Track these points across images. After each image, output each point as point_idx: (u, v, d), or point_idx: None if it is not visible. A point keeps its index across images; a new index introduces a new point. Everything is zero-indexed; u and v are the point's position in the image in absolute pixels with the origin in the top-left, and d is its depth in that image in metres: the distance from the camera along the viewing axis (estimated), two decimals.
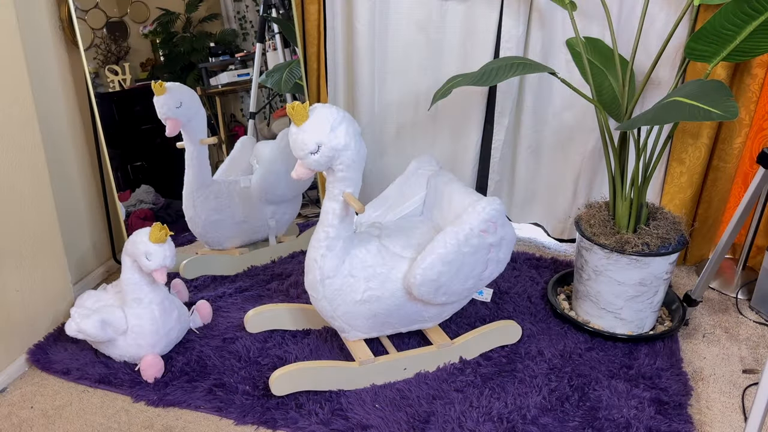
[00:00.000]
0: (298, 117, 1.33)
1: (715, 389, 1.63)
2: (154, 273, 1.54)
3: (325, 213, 1.47)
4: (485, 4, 2.07)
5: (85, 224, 2.06)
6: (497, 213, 1.53)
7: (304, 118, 1.34)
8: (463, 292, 1.58)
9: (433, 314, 1.63)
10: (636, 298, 1.72)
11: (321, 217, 1.48)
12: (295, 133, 1.35)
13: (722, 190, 2.08)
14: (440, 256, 1.47)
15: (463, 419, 1.48)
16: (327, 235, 1.47)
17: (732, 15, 1.45)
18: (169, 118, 1.87)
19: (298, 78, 2.30)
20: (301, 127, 1.34)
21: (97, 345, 1.67)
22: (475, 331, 1.71)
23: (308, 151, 1.35)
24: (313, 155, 1.35)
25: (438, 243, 1.49)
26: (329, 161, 1.38)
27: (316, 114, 1.35)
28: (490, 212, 1.52)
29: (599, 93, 1.84)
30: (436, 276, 1.48)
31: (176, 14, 2.08)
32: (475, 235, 1.50)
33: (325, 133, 1.34)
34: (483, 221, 1.51)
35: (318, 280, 1.50)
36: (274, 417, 1.50)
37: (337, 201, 1.43)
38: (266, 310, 1.78)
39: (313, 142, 1.34)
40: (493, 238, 1.53)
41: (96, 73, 1.93)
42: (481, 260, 1.54)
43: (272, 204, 2.17)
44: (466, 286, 1.57)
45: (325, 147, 1.35)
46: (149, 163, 2.12)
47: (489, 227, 1.52)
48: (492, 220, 1.53)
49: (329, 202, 1.45)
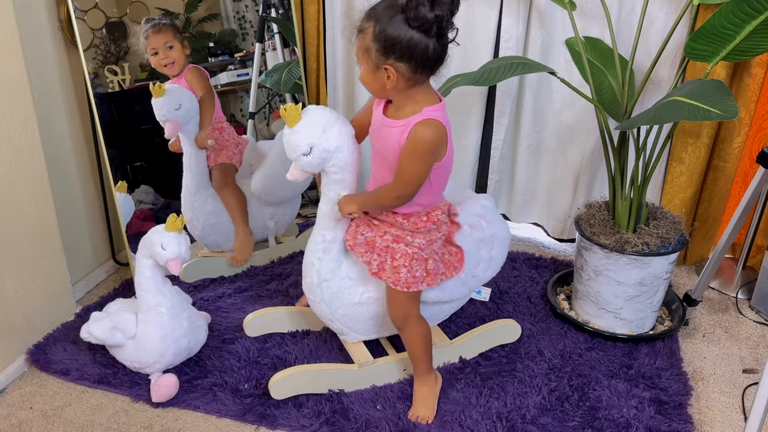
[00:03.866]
0: (291, 119, 1.32)
1: (715, 389, 1.63)
2: (169, 264, 1.51)
3: (321, 216, 1.46)
4: (485, 3, 2.07)
5: (84, 224, 2.06)
6: (485, 209, 1.54)
7: (297, 119, 1.33)
8: (453, 289, 1.56)
9: (431, 314, 1.62)
10: (636, 297, 1.72)
11: (317, 220, 1.48)
12: (288, 135, 1.34)
13: (722, 189, 2.08)
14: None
15: (462, 419, 1.48)
16: (323, 239, 1.47)
17: (732, 14, 1.45)
18: (168, 120, 1.86)
19: (298, 78, 2.30)
20: (293, 128, 1.33)
21: (110, 350, 1.66)
22: (474, 331, 1.71)
23: (300, 153, 1.34)
24: (305, 157, 1.34)
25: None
26: (322, 163, 1.37)
27: (309, 115, 1.34)
28: (477, 208, 1.53)
29: (599, 93, 1.84)
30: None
31: (176, 14, 2.08)
32: (463, 230, 1.50)
33: (317, 135, 1.32)
34: (472, 216, 1.51)
35: (315, 283, 1.50)
36: (274, 416, 1.50)
37: (333, 204, 1.43)
38: (264, 313, 1.77)
39: (305, 143, 1.33)
40: (481, 233, 1.53)
41: (95, 73, 1.93)
42: (470, 257, 1.54)
43: (272, 205, 2.16)
44: (456, 282, 1.55)
45: (317, 149, 1.33)
46: (149, 163, 2.12)
47: (477, 223, 1.52)
48: (480, 216, 1.53)
49: (324, 204, 1.44)
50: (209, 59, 2.21)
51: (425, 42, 1.18)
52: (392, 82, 1.24)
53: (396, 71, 1.22)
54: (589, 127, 2.14)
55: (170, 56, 1.98)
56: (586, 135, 2.16)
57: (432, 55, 1.20)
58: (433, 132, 1.26)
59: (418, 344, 1.49)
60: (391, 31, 1.18)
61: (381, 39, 1.19)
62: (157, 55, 1.98)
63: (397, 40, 1.18)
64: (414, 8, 1.14)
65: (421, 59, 1.20)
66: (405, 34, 1.17)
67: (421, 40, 1.18)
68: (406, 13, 1.15)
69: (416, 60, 1.20)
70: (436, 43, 1.19)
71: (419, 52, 1.19)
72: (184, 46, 2.01)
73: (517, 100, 2.21)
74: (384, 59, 1.21)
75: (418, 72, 1.23)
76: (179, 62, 2.00)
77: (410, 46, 1.18)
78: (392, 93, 1.29)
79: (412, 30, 1.17)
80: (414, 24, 1.16)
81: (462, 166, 2.33)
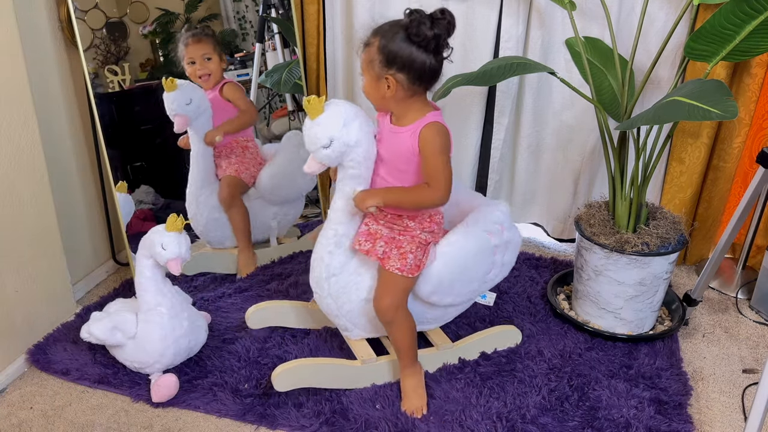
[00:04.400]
0: (313, 110, 1.34)
1: (715, 389, 1.63)
2: (169, 264, 1.51)
3: (334, 211, 1.47)
4: (485, 3, 2.07)
5: (84, 225, 2.06)
6: (504, 216, 1.55)
7: (319, 111, 1.34)
8: (467, 294, 1.58)
9: (436, 316, 1.63)
10: (636, 297, 1.72)
11: (330, 215, 1.48)
12: (309, 127, 1.36)
13: (722, 189, 2.08)
14: (445, 256, 1.48)
15: (462, 418, 1.48)
16: (335, 233, 1.48)
17: (731, 14, 1.45)
18: (178, 114, 1.88)
19: (298, 78, 2.30)
20: (315, 120, 1.35)
21: (110, 350, 1.66)
22: (476, 335, 1.71)
23: (320, 145, 1.35)
24: (325, 149, 1.36)
25: (443, 244, 1.49)
26: (341, 156, 1.38)
27: (331, 108, 1.36)
28: (498, 215, 1.54)
29: (599, 93, 1.84)
30: (440, 277, 1.49)
31: (176, 14, 2.08)
32: (482, 237, 1.50)
33: (338, 128, 1.34)
34: (490, 223, 1.52)
35: (324, 277, 1.50)
36: (274, 416, 1.50)
37: (348, 198, 1.43)
38: (268, 306, 1.78)
39: (326, 136, 1.34)
40: (498, 240, 1.54)
41: (95, 73, 1.93)
42: (485, 262, 1.54)
43: (276, 204, 2.17)
44: (471, 288, 1.57)
45: (337, 142, 1.35)
46: (149, 163, 2.12)
47: (495, 229, 1.53)
48: (499, 223, 1.53)
49: (339, 199, 1.45)
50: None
51: (423, 57, 1.31)
52: (392, 92, 1.35)
53: (396, 81, 1.33)
54: (589, 127, 2.14)
55: (207, 68, 2.00)
56: (586, 135, 2.16)
57: (429, 68, 1.33)
58: (441, 129, 1.38)
59: (407, 337, 1.52)
60: (394, 45, 1.31)
61: (385, 52, 1.32)
62: (193, 64, 2.00)
63: (399, 53, 1.31)
64: (416, 26, 1.28)
65: (419, 71, 1.32)
66: (406, 48, 1.30)
67: (420, 54, 1.31)
68: (409, 30, 1.29)
69: (414, 72, 1.32)
70: (433, 59, 1.32)
71: (417, 65, 1.31)
72: (222, 60, 2.03)
73: (517, 100, 2.21)
74: (386, 70, 1.33)
75: (416, 84, 1.34)
76: (215, 75, 2.02)
77: (410, 59, 1.31)
78: (392, 103, 1.39)
79: (412, 46, 1.30)
80: (415, 40, 1.29)
81: (462, 166, 2.33)
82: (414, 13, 1.30)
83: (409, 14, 1.30)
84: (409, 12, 1.30)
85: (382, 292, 1.48)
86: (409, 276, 1.45)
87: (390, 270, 1.45)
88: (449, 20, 1.30)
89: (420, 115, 1.38)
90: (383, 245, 1.46)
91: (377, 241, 1.47)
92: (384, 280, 1.48)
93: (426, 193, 1.39)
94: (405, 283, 1.47)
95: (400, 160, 1.40)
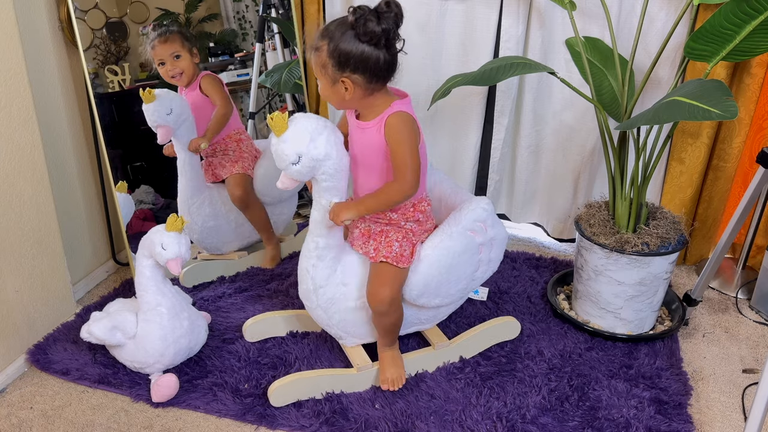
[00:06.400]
0: (278, 128, 1.32)
1: (715, 389, 1.63)
2: (169, 264, 1.51)
3: (313, 223, 1.46)
4: (485, 3, 2.07)
5: (84, 225, 2.06)
6: (486, 213, 1.53)
7: (284, 128, 1.33)
8: (456, 293, 1.58)
9: (429, 316, 1.63)
10: (636, 297, 1.72)
11: (310, 227, 1.47)
12: (276, 144, 1.35)
13: (722, 189, 2.08)
14: (430, 258, 1.48)
15: (462, 418, 1.48)
16: (317, 245, 1.47)
17: (731, 14, 1.45)
18: (160, 125, 1.83)
19: (298, 78, 2.30)
20: (280, 137, 1.33)
21: (110, 350, 1.66)
22: (472, 330, 1.71)
23: (289, 162, 1.34)
24: (294, 166, 1.34)
25: (427, 246, 1.50)
26: (312, 171, 1.37)
27: (296, 124, 1.34)
28: (479, 213, 1.52)
29: (599, 93, 1.84)
30: (426, 280, 1.49)
31: (176, 14, 2.08)
32: (465, 236, 1.50)
33: (305, 144, 1.33)
34: (472, 221, 1.51)
35: (311, 289, 1.50)
36: (274, 416, 1.50)
37: (325, 211, 1.42)
38: (263, 318, 1.76)
39: (293, 152, 1.33)
40: (482, 238, 1.53)
41: (95, 73, 1.93)
42: (471, 261, 1.54)
43: (268, 205, 2.16)
44: (459, 287, 1.57)
45: (305, 157, 1.33)
46: (149, 163, 2.12)
47: (478, 228, 1.52)
48: (482, 221, 1.53)
49: (316, 212, 1.44)
50: (209, 59, 2.21)
51: (376, 54, 1.29)
52: (350, 93, 1.34)
53: (352, 83, 1.32)
54: (589, 127, 2.14)
55: (179, 66, 1.95)
56: (586, 135, 2.16)
57: (383, 65, 1.31)
58: (405, 118, 1.36)
59: (393, 326, 1.53)
60: (344, 46, 1.28)
61: (336, 55, 1.29)
62: (164, 65, 1.95)
63: (351, 54, 1.28)
64: (363, 24, 1.25)
65: (374, 69, 1.31)
66: (357, 48, 1.28)
67: (372, 52, 1.28)
68: (356, 29, 1.26)
69: (369, 70, 1.31)
70: (386, 54, 1.30)
71: (371, 63, 1.30)
72: (193, 54, 1.98)
73: (517, 100, 2.21)
74: (340, 73, 1.31)
75: (373, 81, 1.33)
76: (188, 72, 1.97)
77: (363, 58, 1.29)
78: (352, 103, 1.39)
79: (362, 44, 1.27)
80: (364, 38, 1.27)
81: (462, 166, 2.33)
82: (358, 10, 1.26)
83: (353, 12, 1.26)
84: (353, 10, 1.27)
85: (376, 285, 1.48)
86: (397, 265, 1.45)
87: (378, 261, 1.46)
88: (396, 12, 1.27)
89: (385, 107, 1.37)
90: (374, 243, 1.48)
91: (369, 240, 1.49)
92: (375, 273, 1.49)
93: (393, 189, 1.38)
94: (395, 273, 1.46)
95: (372, 157, 1.40)
